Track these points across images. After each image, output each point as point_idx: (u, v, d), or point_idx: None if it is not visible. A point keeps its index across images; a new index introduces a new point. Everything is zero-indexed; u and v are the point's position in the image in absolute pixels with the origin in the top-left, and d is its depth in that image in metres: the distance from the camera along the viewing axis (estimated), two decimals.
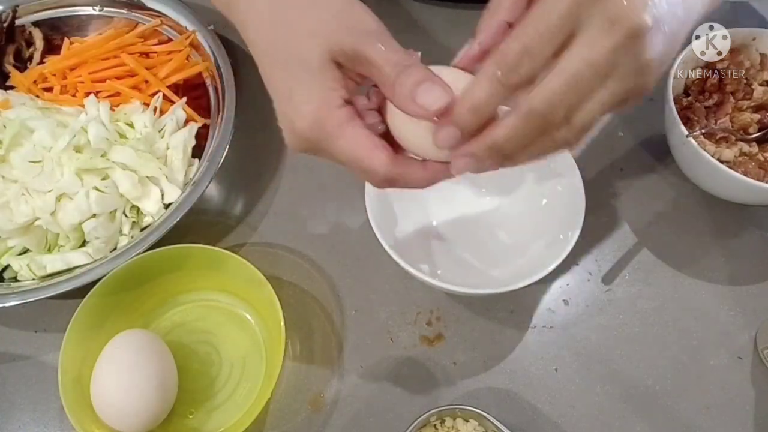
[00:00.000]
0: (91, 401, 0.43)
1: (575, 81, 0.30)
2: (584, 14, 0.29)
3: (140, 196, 0.52)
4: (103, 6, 0.65)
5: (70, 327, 0.45)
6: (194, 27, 0.61)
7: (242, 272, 0.47)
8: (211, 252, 0.48)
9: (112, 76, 0.60)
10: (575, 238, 0.45)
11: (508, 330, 0.51)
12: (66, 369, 0.44)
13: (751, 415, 0.47)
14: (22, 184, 0.51)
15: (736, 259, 0.54)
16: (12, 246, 0.51)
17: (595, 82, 0.30)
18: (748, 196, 0.50)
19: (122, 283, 0.48)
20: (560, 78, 0.30)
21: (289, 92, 0.34)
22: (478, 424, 0.43)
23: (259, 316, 0.50)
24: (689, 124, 0.52)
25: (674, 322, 0.51)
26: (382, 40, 0.33)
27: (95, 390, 0.43)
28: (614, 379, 0.48)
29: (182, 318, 0.51)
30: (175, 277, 0.50)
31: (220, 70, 0.58)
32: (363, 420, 0.47)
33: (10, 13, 0.63)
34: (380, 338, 0.50)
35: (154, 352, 0.45)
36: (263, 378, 0.47)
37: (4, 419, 0.49)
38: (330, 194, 0.57)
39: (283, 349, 0.44)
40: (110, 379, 0.43)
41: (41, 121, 0.52)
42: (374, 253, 0.53)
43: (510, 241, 0.53)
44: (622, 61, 0.30)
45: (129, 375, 0.43)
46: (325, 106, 0.33)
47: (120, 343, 0.44)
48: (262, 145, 0.61)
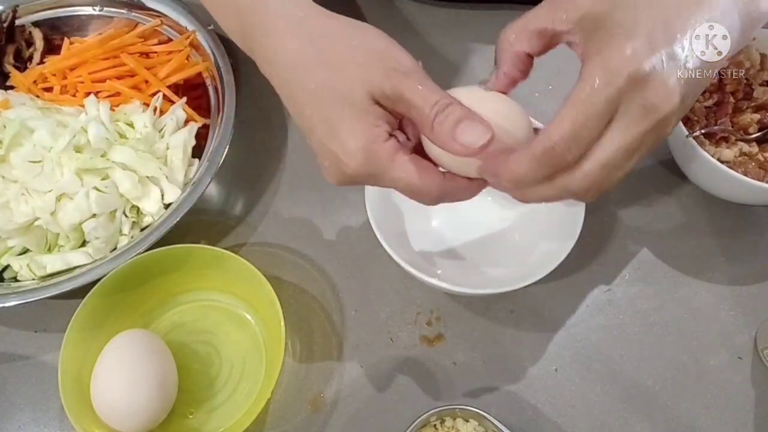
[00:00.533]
0: (91, 401, 0.43)
1: (609, 165, 0.33)
2: (625, 99, 0.32)
3: (140, 196, 0.52)
4: (103, 6, 0.65)
5: (70, 327, 0.45)
6: (194, 27, 0.61)
7: (242, 272, 0.47)
8: (211, 252, 0.48)
9: (112, 76, 0.60)
10: (575, 239, 0.45)
11: (508, 330, 0.51)
12: (66, 369, 0.44)
13: (751, 415, 0.47)
14: (22, 184, 0.51)
15: (736, 259, 0.54)
16: (12, 246, 0.51)
17: (624, 161, 0.33)
18: (748, 196, 0.50)
19: (122, 283, 0.48)
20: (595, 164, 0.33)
21: (332, 130, 0.35)
22: (478, 424, 0.43)
23: (259, 316, 0.50)
24: (689, 124, 0.52)
25: (674, 322, 0.51)
26: (420, 79, 0.35)
27: (95, 390, 0.43)
28: (614, 379, 0.49)
29: (182, 318, 0.51)
30: (175, 277, 0.50)
31: (220, 70, 0.58)
32: (363, 420, 0.47)
33: (10, 13, 0.63)
34: (380, 338, 0.50)
35: (154, 352, 0.45)
36: (263, 378, 0.47)
37: (4, 419, 0.49)
38: (330, 194, 0.57)
39: (283, 349, 0.44)
40: (110, 379, 0.43)
41: (41, 121, 0.52)
42: (374, 253, 0.53)
43: (510, 241, 0.53)
44: (649, 139, 0.33)
45: (129, 375, 0.43)
46: (374, 141, 0.35)
47: (120, 343, 0.44)
48: (262, 145, 0.61)
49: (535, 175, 0.34)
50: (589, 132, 0.32)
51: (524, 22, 0.36)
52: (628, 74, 0.31)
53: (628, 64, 0.32)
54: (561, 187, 0.34)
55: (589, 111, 0.32)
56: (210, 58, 0.60)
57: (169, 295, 0.51)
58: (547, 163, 0.33)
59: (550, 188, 0.34)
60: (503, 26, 0.36)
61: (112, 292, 0.47)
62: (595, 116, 0.32)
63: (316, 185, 0.58)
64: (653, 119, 0.32)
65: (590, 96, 0.32)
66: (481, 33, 0.66)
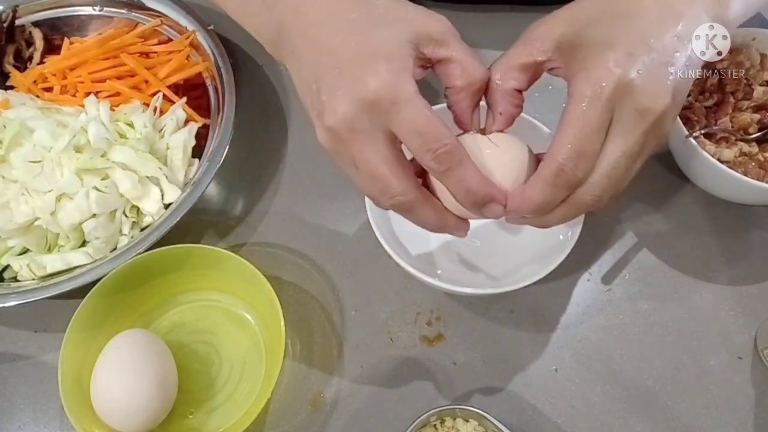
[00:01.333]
0: (91, 401, 0.43)
1: (616, 172, 0.34)
2: (617, 107, 0.33)
3: (140, 196, 0.52)
4: (103, 6, 0.65)
5: (70, 327, 0.45)
6: (194, 27, 0.61)
7: (242, 272, 0.47)
8: (210, 252, 0.48)
9: (112, 76, 0.60)
10: (575, 239, 0.45)
11: (508, 330, 0.51)
12: (66, 369, 0.44)
13: (751, 415, 0.47)
14: (22, 184, 0.51)
15: (736, 259, 0.54)
16: (12, 246, 0.51)
17: (629, 165, 0.34)
18: (748, 196, 0.50)
19: (122, 283, 0.48)
20: (602, 174, 0.34)
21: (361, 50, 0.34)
22: (478, 424, 0.43)
23: (259, 316, 0.50)
24: (689, 124, 0.52)
25: (674, 322, 0.51)
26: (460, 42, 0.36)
27: (95, 390, 0.43)
28: (614, 379, 0.48)
29: (182, 318, 0.51)
30: (175, 277, 0.50)
31: (220, 70, 0.58)
32: (363, 420, 0.47)
33: (10, 13, 0.63)
34: (380, 338, 0.50)
35: (154, 352, 0.45)
36: (263, 378, 0.47)
37: (4, 419, 0.49)
38: (330, 194, 0.57)
39: (283, 349, 0.44)
40: (110, 379, 0.43)
41: (41, 121, 0.52)
42: (374, 253, 0.53)
43: (510, 241, 0.53)
44: (649, 141, 0.34)
45: (129, 375, 0.42)
46: (403, 69, 0.34)
47: (120, 343, 0.44)
48: (262, 145, 0.61)
49: (553, 198, 0.35)
50: (591, 146, 0.33)
51: (506, 61, 0.37)
52: (615, 83, 0.32)
53: (612, 73, 0.32)
54: (576, 204, 0.35)
55: (585, 126, 0.33)
56: (210, 58, 0.60)
57: (169, 295, 0.51)
58: (561, 184, 0.34)
59: (567, 207, 0.36)
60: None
61: (111, 292, 0.47)
62: (592, 130, 0.33)
63: (317, 185, 0.58)
64: (649, 121, 0.33)
65: (584, 112, 0.33)
66: (480, 35, 0.65)
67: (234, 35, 0.64)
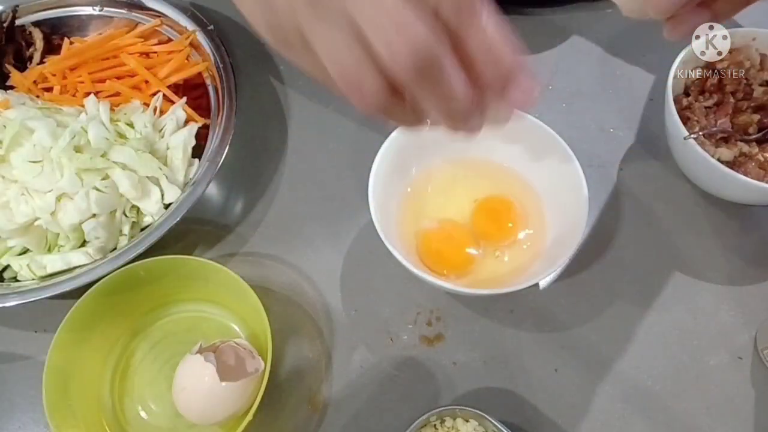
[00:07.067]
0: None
1: None
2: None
3: (140, 196, 0.52)
4: (103, 6, 0.65)
5: (59, 331, 0.45)
6: (194, 27, 0.61)
7: (229, 284, 0.47)
8: (198, 264, 0.48)
9: (112, 76, 0.60)
10: (577, 240, 0.45)
11: (508, 330, 0.51)
12: (50, 378, 0.43)
13: (751, 415, 0.47)
14: (22, 184, 0.51)
15: (736, 259, 0.54)
16: (12, 246, 0.51)
17: None
18: (748, 196, 0.50)
19: (112, 291, 0.47)
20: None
21: None
22: (478, 424, 0.43)
23: (246, 327, 0.50)
24: (689, 124, 0.52)
25: (674, 322, 0.51)
26: None
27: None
28: (614, 379, 0.49)
29: (174, 327, 0.51)
30: (166, 286, 0.50)
31: (220, 70, 0.58)
32: (363, 420, 0.47)
33: (10, 13, 0.63)
34: (380, 338, 0.50)
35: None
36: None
37: (4, 419, 0.49)
38: (330, 194, 0.58)
39: (269, 361, 0.43)
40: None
41: (41, 121, 0.52)
42: (374, 253, 0.53)
43: (510, 241, 0.52)
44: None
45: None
46: None
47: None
48: (262, 145, 0.61)
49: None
50: None
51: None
52: None
53: None
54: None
55: None
56: (210, 58, 0.60)
57: (159, 305, 0.51)
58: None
59: None
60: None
61: (102, 299, 0.47)
62: None
63: (317, 185, 0.58)
64: None
65: None
66: None
67: (234, 35, 0.64)
